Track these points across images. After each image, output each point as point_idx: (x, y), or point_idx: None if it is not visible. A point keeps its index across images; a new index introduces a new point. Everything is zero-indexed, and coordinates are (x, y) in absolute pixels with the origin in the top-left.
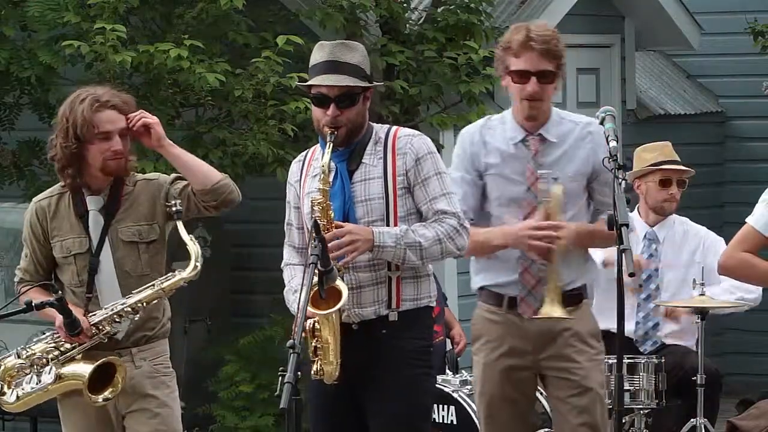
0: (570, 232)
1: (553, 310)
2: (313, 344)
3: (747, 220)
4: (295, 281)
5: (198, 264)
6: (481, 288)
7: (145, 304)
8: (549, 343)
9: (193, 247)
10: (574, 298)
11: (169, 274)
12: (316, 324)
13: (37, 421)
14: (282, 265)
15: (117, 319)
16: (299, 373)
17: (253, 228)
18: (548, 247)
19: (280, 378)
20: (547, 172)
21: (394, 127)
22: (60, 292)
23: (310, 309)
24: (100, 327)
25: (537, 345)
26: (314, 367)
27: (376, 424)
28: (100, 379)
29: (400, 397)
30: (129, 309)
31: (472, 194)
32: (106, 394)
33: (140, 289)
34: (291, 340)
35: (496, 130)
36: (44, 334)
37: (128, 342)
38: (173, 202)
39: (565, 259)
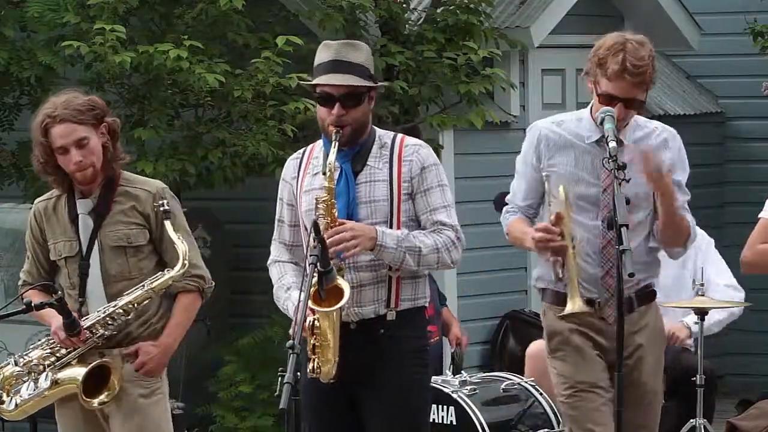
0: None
1: (575, 305)
2: (312, 342)
3: (760, 215)
4: (286, 279)
5: (186, 262)
6: (545, 289)
7: (136, 305)
8: (626, 342)
9: (181, 246)
10: (647, 296)
11: (157, 274)
12: (316, 321)
13: (37, 422)
14: (269, 262)
15: (110, 322)
16: (299, 373)
17: (253, 228)
18: (558, 247)
19: (279, 378)
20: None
21: (400, 135)
22: (60, 292)
23: (312, 306)
24: (93, 330)
25: (615, 346)
26: (310, 365)
27: (375, 423)
28: (96, 382)
29: (398, 396)
30: (120, 311)
31: (535, 188)
32: (102, 397)
33: (130, 290)
34: (291, 341)
35: (571, 127)
36: (40, 339)
37: (111, 343)
38: (161, 201)
39: (634, 258)
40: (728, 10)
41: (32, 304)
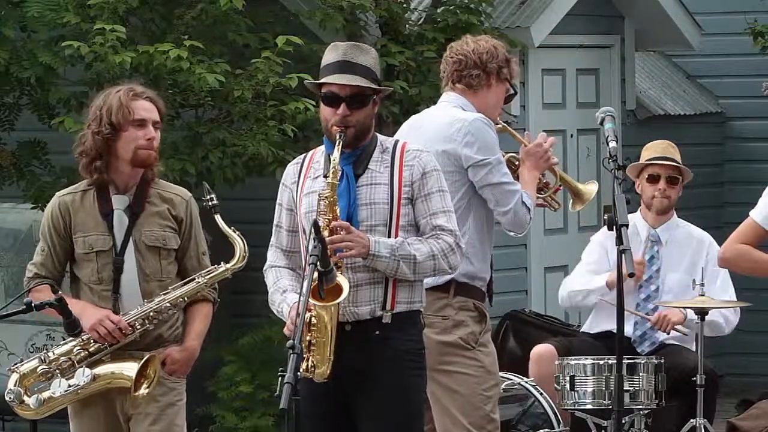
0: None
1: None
2: (308, 339)
3: (750, 213)
4: (282, 282)
5: (245, 254)
6: (463, 283)
7: (186, 298)
8: None
9: (237, 238)
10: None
11: (212, 267)
12: (313, 318)
13: (37, 421)
14: (265, 267)
15: (154, 316)
16: (299, 373)
17: (253, 228)
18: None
19: (279, 378)
20: None
21: (402, 140)
22: (60, 291)
23: (312, 301)
24: (135, 325)
25: None
26: (304, 364)
27: (369, 426)
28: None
29: (392, 399)
30: (168, 304)
31: None
32: (145, 387)
33: (179, 284)
34: (291, 341)
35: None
36: (66, 338)
37: (141, 345)
38: (209, 196)
39: None
40: (728, 10)
41: (32, 304)
